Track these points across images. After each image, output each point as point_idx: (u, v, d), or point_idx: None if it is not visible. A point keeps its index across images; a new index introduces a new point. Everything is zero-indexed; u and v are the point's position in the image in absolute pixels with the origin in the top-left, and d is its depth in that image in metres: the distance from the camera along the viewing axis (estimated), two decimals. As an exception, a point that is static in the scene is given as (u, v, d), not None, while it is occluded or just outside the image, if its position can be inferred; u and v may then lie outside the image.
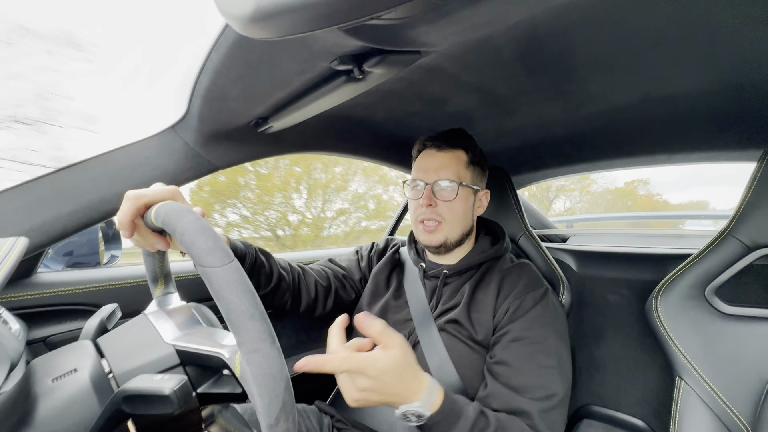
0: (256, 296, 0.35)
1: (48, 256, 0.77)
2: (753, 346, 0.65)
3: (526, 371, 0.64)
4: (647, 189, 16.80)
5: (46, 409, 0.35)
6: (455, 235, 0.80)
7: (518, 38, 0.55)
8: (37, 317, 0.70)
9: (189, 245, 0.35)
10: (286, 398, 0.33)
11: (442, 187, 0.78)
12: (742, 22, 0.49)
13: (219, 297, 0.33)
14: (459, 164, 0.79)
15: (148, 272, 0.53)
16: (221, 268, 0.34)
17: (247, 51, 0.49)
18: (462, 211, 0.79)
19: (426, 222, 0.79)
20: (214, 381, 0.43)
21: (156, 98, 3.56)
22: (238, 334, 0.33)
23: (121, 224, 0.46)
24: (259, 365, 0.32)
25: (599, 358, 1.06)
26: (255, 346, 0.33)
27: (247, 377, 0.33)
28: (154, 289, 0.54)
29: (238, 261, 0.36)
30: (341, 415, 0.79)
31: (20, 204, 0.61)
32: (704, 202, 23.82)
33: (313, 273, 0.87)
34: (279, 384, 0.32)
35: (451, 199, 0.77)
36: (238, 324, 0.33)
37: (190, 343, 0.42)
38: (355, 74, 0.51)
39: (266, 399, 0.32)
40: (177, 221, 0.37)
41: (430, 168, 0.79)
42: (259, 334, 0.33)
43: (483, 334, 0.73)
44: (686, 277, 0.73)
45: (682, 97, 0.73)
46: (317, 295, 0.85)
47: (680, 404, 0.68)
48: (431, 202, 0.78)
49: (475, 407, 0.57)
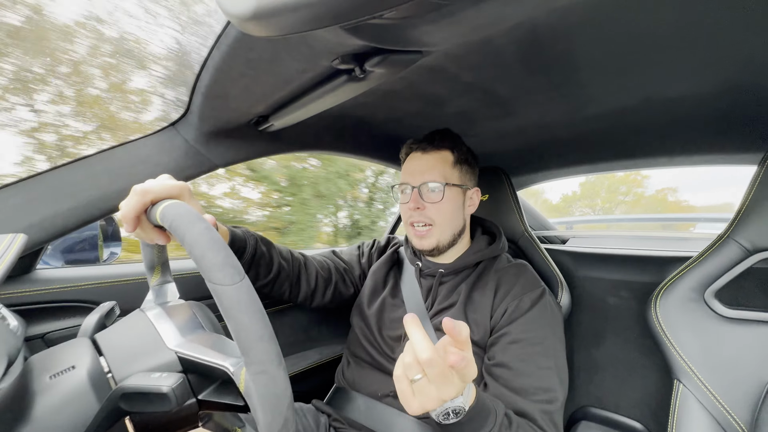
0: (265, 316, 0.35)
1: (47, 253, 0.77)
2: (752, 350, 0.65)
3: (526, 373, 0.64)
4: (676, 196, 17.92)
5: (43, 406, 0.35)
6: (446, 236, 0.80)
7: (520, 39, 0.55)
8: (36, 314, 0.70)
9: (198, 259, 0.34)
10: (288, 416, 0.33)
11: (429, 188, 0.77)
12: (743, 26, 0.49)
13: (229, 316, 0.33)
14: (445, 165, 0.79)
15: (145, 260, 0.53)
16: (232, 287, 0.34)
17: (249, 49, 0.49)
18: (451, 212, 0.79)
19: (416, 225, 0.79)
20: (215, 389, 0.43)
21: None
22: (246, 354, 0.33)
23: (125, 218, 0.45)
24: (265, 386, 0.33)
25: (598, 360, 1.06)
26: (263, 367, 0.33)
27: (251, 394, 0.34)
28: (151, 278, 0.53)
29: (248, 278, 0.35)
30: (338, 414, 0.79)
31: (20, 200, 0.61)
32: (729, 204, 24.15)
33: (315, 263, 0.87)
34: (282, 403, 0.33)
35: (438, 200, 0.77)
36: (247, 345, 0.33)
37: (193, 352, 0.41)
38: (356, 73, 0.51)
39: (269, 417, 0.33)
40: (186, 230, 0.36)
41: (416, 171, 0.79)
42: (267, 356, 0.33)
43: (480, 334, 0.73)
44: (686, 279, 0.73)
45: (682, 100, 0.73)
46: (317, 285, 0.85)
47: (678, 407, 0.68)
48: (419, 205, 0.78)
49: (500, 404, 0.55)
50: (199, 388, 0.42)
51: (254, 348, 0.33)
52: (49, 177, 0.63)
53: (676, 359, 0.70)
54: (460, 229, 0.82)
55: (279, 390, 0.33)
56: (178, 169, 0.72)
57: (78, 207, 0.64)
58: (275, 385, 0.33)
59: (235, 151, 0.79)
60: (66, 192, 0.64)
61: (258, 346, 0.33)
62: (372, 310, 0.85)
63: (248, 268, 0.72)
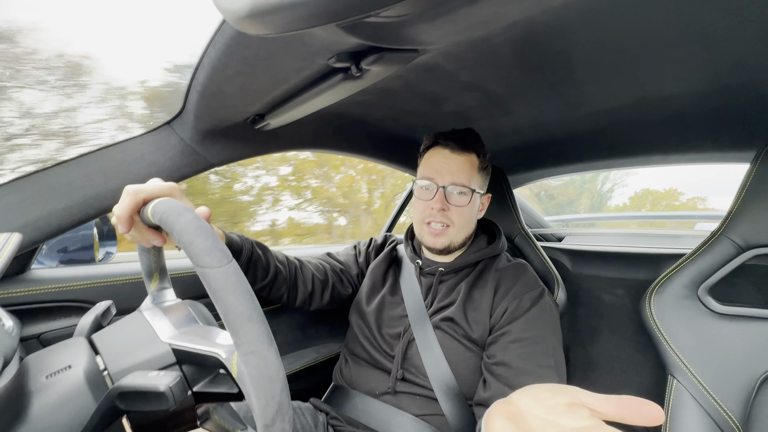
0: (254, 297, 0.35)
1: (42, 253, 0.77)
2: (744, 345, 0.66)
3: (527, 372, 0.65)
4: (705, 204, 18.11)
5: (40, 406, 0.35)
6: (460, 238, 0.80)
7: (516, 38, 0.55)
8: (31, 314, 0.70)
9: (187, 245, 0.35)
10: (283, 399, 0.33)
11: (456, 192, 0.76)
12: (737, 25, 0.50)
13: (217, 298, 0.33)
14: (472, 169, 0.78)
15: (143, 267, 0.53)
16: (219, 269, 0.34)
17: (244, 47, 0.48)
18: (470, 216, 0.79)
19: (433, 224, 0.78)
20: (210, 380, 0.43)
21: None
22: (235, 335, 0.33)
23: (119, 219, 0.46)
24: (256, 367, 0.32)
25: (593, 356, 1.07)
26: (252, 347, 0.33)
27: (244, 378, 0.33)
28: (149, 284, 0.53)
29: (236, 261, 0.36)
30: (336, 413, 0.79)
31: (14, 199, 0.60)
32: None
33: (310, 266, 0.86)
34: (276, 386, 0.33)
35: (464, 204, 0.76)
36: (236, 325, 0.33)
37: (186, 342, 0.42)
38: (352, 72, 0.51)
39: (263, 400, 0.32)
40: (174, 220, 0.37)
41: (444, 170, 0.77)
42: (256, 335, 0.33)
43: (479, 332, 0.73)
44: (680, 276, 0.74)
45: (676, 99, 0.74)
46: (314, 288, 0.85)
47: (672, 402, 0.69)
48: (444, 207, 0.76)
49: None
50: (194, 380, 0.42)
51: (243, 328, 0.33)
52: (44, 176, 0.63)
53: (670, 355, 0.71)
54: (471, 233, 0.83)
55: (271, 371, 0.33)
56: (173, 167, 0.72)
57: (73, 206, 0.64)
58: (266, 365, 0.32)
59: (231, 150, 0.79)
60: (61, 191, 0.63)
61: (247, 326, 0.33)
62: (371, 308, 0.85)
63: (245, 271, 0.72)
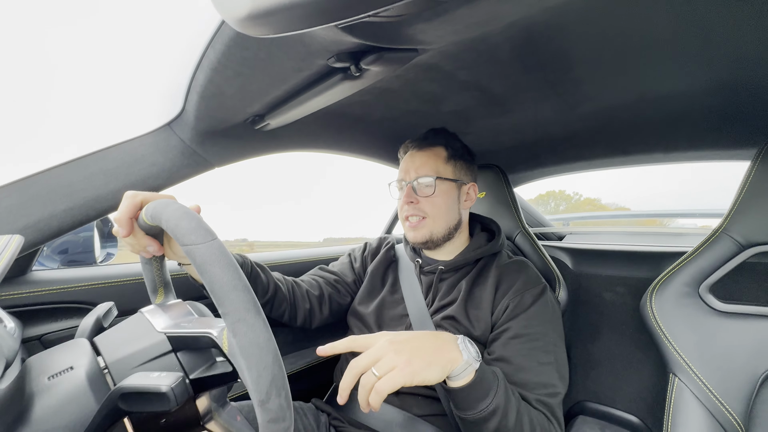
0: (239, 269, 0.35)
1: (43, 254, 0.77)
2: (746, 343, 0.66)
3: (527, 368, 0.65)
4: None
5: (42, 407, 0.35)
6: (441, 229, 0.81)
7: (514, 37, 0.55)
8: (33, 315, 0.70)
9: (174, 228, 0.36)
10: (276, 371, 0.32)
11: (422, 183, 0.80)
12: (736, 22, 0.50)
13: (203, 272, 0.34)
14: (437, 160, 0.82)
15: (147, 282, 0.53)
16: (204, 245, 0.35)
17: (244, 48, 0.49)
18: (445, 205, 0.81)
19: (410, 218, 0.82)
20: (207, 367, 0.44)
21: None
22: (222, 305, 0.33)
23: (119, 222, 0.47)
24: (245, 335, 0.32)
25: (595, 355, 1.07)
26: (239, 316, 0.33)
27: (234, 350, 0.33)
28: (155, 300, 0.54)
29: (220, 239, 0.37)
30: (338, 413, 0.79)
31: (15, 201, 0.60)
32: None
33: (304, 284, 0.87)
34: (267, 355, 0.32)
35: (430, 194, 0.80)
36: (221, 296, 0.33)
37: (179, 329, 0.43)
38: (352, 72, 0.51)
39: (254, 372, 0.32)
40: (162, 210, 0.39)
41: (410, 167, 0.82)
42: (243, 304, 0.33)
43: (481, 330, 0.73)
44: (681, 274, 0.74)
45: (676, 97, 0.74)
46: (311, 305, 0.86)
47: (674, 400, 0.69)
48: (412, 199, 0.81)
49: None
50: (191, 368, 0.43)
51: (229, 297, 0.33)
52: (44, 178, 0.63)
53: (672, 353, 0.71)
54: (455, 224, 0.83)
55: (260, 339, 0.33)
56: (173, 168, 0.72)
57: (74, 208, 0.64)
58: (255, 334, 0.33)
59: (231, 151, 0.79)
60: (62, 193, 0.63)
61: (232, 295, 0.33)
62: (370, 309, 0.85)
63: None
